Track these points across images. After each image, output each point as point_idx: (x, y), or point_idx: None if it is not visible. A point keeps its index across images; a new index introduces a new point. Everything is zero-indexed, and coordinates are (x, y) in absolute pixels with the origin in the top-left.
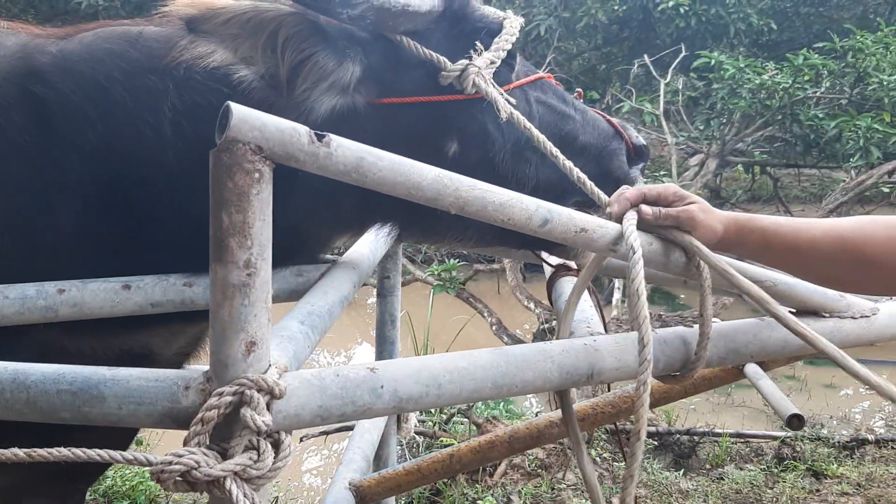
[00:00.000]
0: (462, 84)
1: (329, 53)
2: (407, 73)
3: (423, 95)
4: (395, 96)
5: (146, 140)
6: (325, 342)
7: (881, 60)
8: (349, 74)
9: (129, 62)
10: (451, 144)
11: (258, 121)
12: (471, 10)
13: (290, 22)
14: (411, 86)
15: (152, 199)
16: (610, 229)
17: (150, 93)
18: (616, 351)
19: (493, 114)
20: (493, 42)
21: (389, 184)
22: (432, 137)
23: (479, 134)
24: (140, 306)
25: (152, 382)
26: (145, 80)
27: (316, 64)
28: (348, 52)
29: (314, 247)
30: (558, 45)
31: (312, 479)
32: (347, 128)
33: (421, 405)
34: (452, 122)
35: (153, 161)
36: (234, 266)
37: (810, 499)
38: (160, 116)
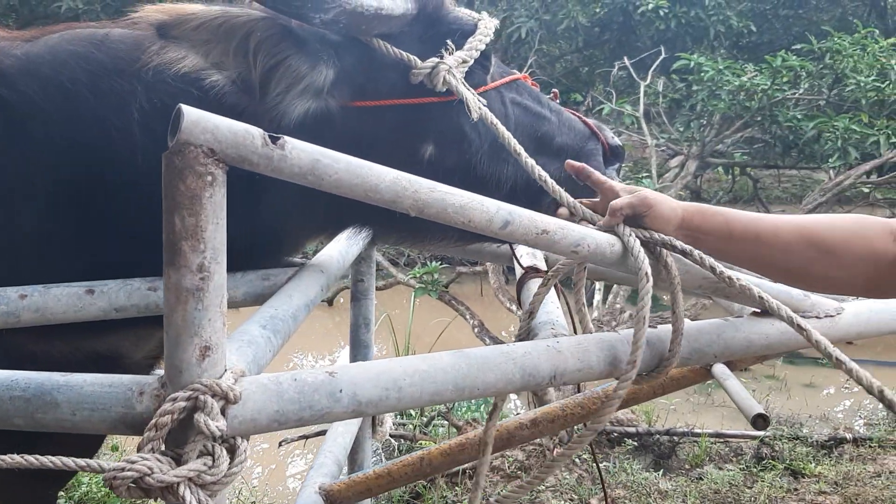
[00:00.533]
0: (433, 82)
1: (302, 57)
2: (381, 76)
3: (397, 98)
4: (369, 99)
5: (113, 142)
6: (309, 346)
7: (858, 62)
8: (322, 78)
9: (93, 64)
10: (427, 147)
11: (210, 123)
12: (445, 13)
13: (262, 27)
14: (385, 88)
15: (120, 200)
16: (570, 231)
17: (115, 95)
18: (579, 352)
19: (468, 115)
20: (466, 43)
21: (346, 186)
22: (408, 140)
23: (455, 136)
24: (104, 311)
25: (106, 388)
26: (111, 82)
27: (289, 68)
28: (321, 56)
29: (288, 248)
30: (540, 48)
31: (297, 482)
32: (321, 131)
33: (381, 409)
34: (428, 124)
35: (121, 163)
36: (187, 270)
37: (788, 498)
38: (128, 118)
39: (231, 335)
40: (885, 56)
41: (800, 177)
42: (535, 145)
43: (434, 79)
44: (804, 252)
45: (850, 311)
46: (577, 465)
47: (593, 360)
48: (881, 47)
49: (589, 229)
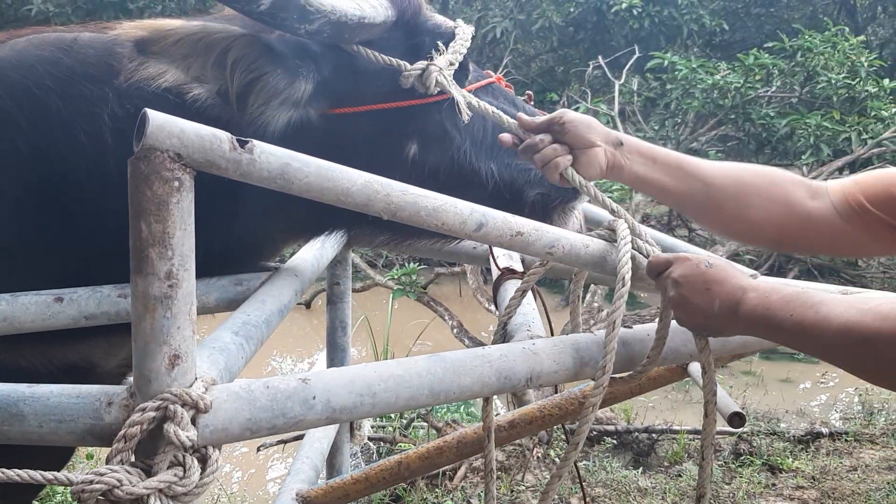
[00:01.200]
0: (425, 84)
1: (279, 73)
2: (362, 82)
3: (378, 102)
4: (350, 105)
5: (83, 147)
6: (287, 349)
7: (829, 59)
8: (300, 91)
9: (61, 69)
10: (410, 147)
11: (177, 127)
12: (423, 20)
13: (240, 43)
14: (367, 94)
15: (91, 206)
16: (545, 232)
17: (85, 101)
18: (554, 354)
19: (451, 114)
20: (449, 47)
21: (317, 190)
22: (391, 141)
23: (438, 135)
24: (74, 319)
25: (73, 399)
26: (80, 87)
27: (266, 84)
28: (300, 71)
29: (267, 253)
30: (515, 48)
31: (276, 487)
32: (304, 139)
33: (355, 415)
34: (410, 125)
35: (92, 169)
36: (154, 278)
37: (767, 493)
38: (98, 124)
39: (202, 342)
40: (854, 53)
41: None
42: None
43: (426, 80)
44: (724, 187)
45: None
46: (557, 464)
47: (569, 362)
48: (851, 45)
49: (564, 231)
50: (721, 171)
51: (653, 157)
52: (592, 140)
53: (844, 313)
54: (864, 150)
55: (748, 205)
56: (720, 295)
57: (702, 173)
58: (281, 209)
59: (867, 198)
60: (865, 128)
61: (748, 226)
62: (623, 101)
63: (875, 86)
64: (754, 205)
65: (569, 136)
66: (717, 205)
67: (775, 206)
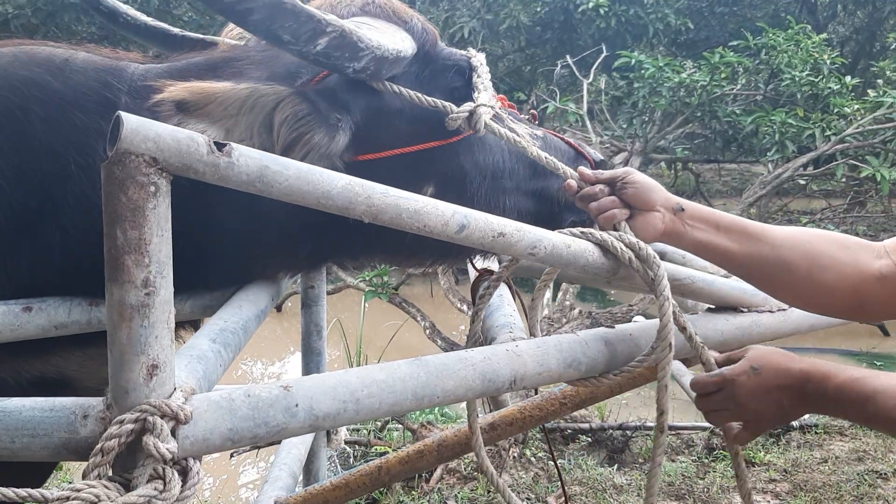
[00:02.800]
0: (474, 126)
1: (324, 130)
2: (386, 125)
3: (401, 147)
4: (374, 151)
5: (71, 178)
6: (258, 352)
7: (793, 57)
8: (339, 145)
9: (49, 94)
10: (427, 188)
11: (152, 131)
12: (439, 50)
13: (289, 103)
14: (390, 138)
15: (76, 238)
16: (527, 233)
17: (78, 131)
18: (538, 355)
19: (468, 152)
20: (473, 79)
21: (297, 194)
22: (410, 184)
23: (456, 175)
24: (43, 329)
25: (47, 413)
26: (70, 117)
27: (311, 141)
28: (340, 124)
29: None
30: (483, 48)
31: (250, 492)
32: None
33: (339, 422)
34: (430, 166)
35: (81, 200)
36: (131, 286)
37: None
38: (93, 157)
39: (179, 350)
40: (817, 51)
41: (738, 170)
42: (529, 171)
43: (475, 122)
44: (793, 248)
45: None
46: (533, 463)
47: (553, 364)
48: (814, 42)
49: (545, 231)
50: (789, 235)
51: (716, 222)
52: (653, 203)
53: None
54: (827, 146)
55: (820, 267)
56: (783, 393)
57: (769, 237)
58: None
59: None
60: (829, 124)
61: (822, 289)
62: (590, 100)
63: (837, 83)
64: (826, 267)
65: (630, 196)
66: (787, 269)
67: (847, 268)
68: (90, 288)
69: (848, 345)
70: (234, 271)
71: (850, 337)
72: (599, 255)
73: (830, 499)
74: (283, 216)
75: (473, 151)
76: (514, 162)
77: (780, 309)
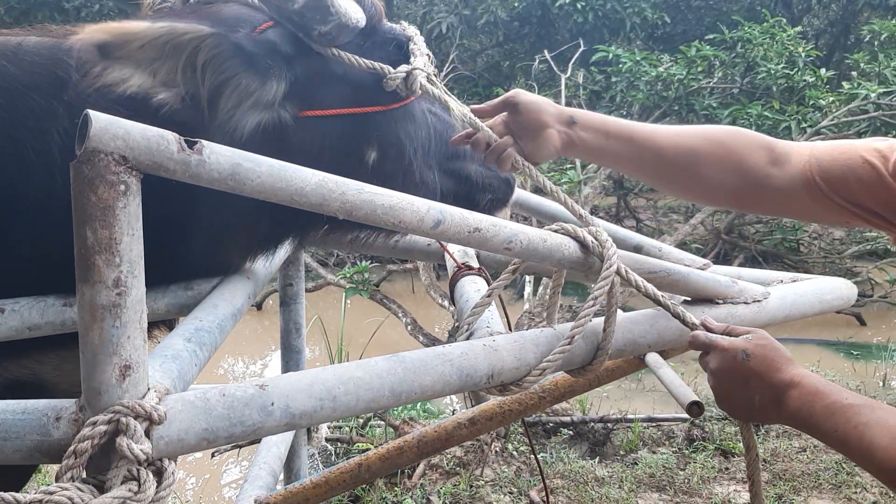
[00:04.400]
0: (409, 87)
1: (251, 73)
2: (332, 86)
3: (346, 107)
4: (320, 109)
5: (32, 167)
6: (239, 351)
7: (768, 50)
8: (273, 92)
9: (5, 78)
10: (371, 153)
11: (121, 129)
12: (382, 24)
13: (210, 44)
14: (335, 98)
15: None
16: (502, 228)
17: (34, 115)
18: (515, 350)
19: (403, 121)
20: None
21: (270, 191)
22: (355, 147)
23: (393, 141)
24: (16, 330)
25: (18, 415)
26: (27, 101)
27: (238, 85)
28: (272, 71)
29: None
30: (461, 43)
31: (233, 492)
32: (276, 142)
33: (316, 420)
34: (371, 131)
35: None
36: (102, 286)
37: (720, 477)
38: (48, 141)
39: (153, 350)
40: (792, 44)
41: None
42: (451, 150)
43: (411, 84)
44: (675, 158)
45: (776, 295)
46: (515, 457)
47: (530, 358)
48: (789, 35)
49: (521, 226)
50: (674, 141)
51: (605, 130)
52: (545, 122)
53: (889, 448)
54: (803, 138)
55: (699, 174)
56: (759, 390)
57: (655, 144)
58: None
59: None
60: (804, 117)
61: (701, 191)
62: (569, 95)
63: (812, 75)
64: (705, 174)
65: (522, 118)
66: (669, 175)
67: (728, 174)
68: (63, 285)
69: (825, 335)
70: (199, 259)
71: (827, 327)
72: (576, 249)
73: (809, 487)
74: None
75: (407, 122)
76: (437, 140)
77: (754, 300)
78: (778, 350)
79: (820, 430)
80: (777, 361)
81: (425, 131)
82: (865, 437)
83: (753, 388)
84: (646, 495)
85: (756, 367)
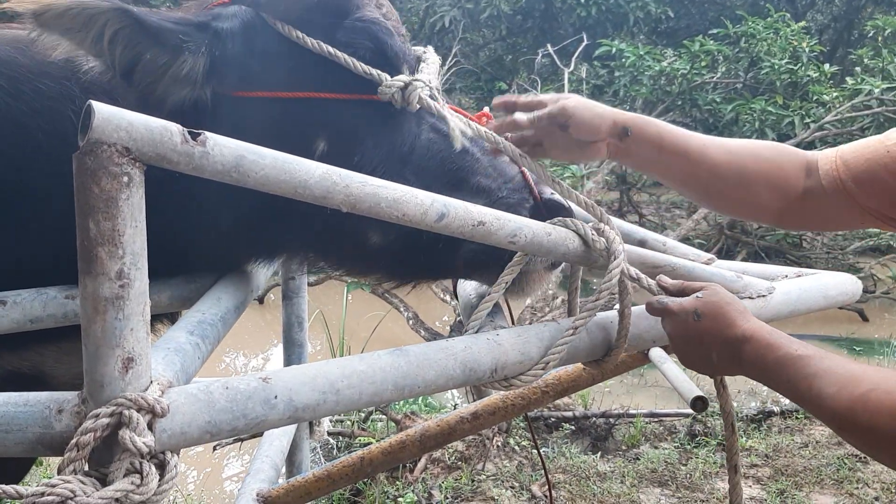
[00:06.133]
0: (406, 100)
1: (159, 49)
2: (278, 66)
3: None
4: (255, 89)
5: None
6: (241, 345)
7: (772, 45)
8: (188, 66)
9: (15, 68)
10: (319, 143)
11: (124, 120)
12: (362, 11)
13: (114, 18)
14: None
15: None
16: (507, 221)
17: (43, 97)
18: (519, 344)
19: (366, 117)
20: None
21: (273, 183)
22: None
23: (350, 138)
24: (18, 323)
25: (21, 407)
26: (35, 84)
27: (149, 59)
28: (187, 46)
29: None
30: (464, 37)
31: (234, 485)
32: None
33: (319, 413)
34: (321, 119)
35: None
36: (104, 278)
37: (722, 472)
38: (62, 121)
39: (156, 343)
40: (796, 39)
41: None
42: (447, 178)
43: (409, 96)
44: (728, 177)
45: (781, 290)
46: (517, 451)
47: (534, 352)
48: (793, 30)
49: (525, 219)
50: (726, 158)
51: (660, 144)
52: (597, 136)
53: (836, 396)
54: (807, 133)
55: (750, 193)
56: (715, 347)
57: (709, 161)
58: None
59: (851, 177)
60: (808, 112)
61: (750, 211)
62: (572, 89)
63: (816, 71)
64: (755, 193)
65: (571, 131)
66: (719, 192)
67: (776, 192)
68: (68, 276)
69: (827, 330)
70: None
71: (829, 323)
72: (580, 244)
73: (811, 483)
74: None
75: (372, 118)
76: (428, 159)
77: (759, 295)
78: (729, 305)
79: (774, 382)
80: (728, 317)
81: (408, 141)
82: (814, 387)
83: (709, 345)
84: (647, 490)
85: (708, 326)
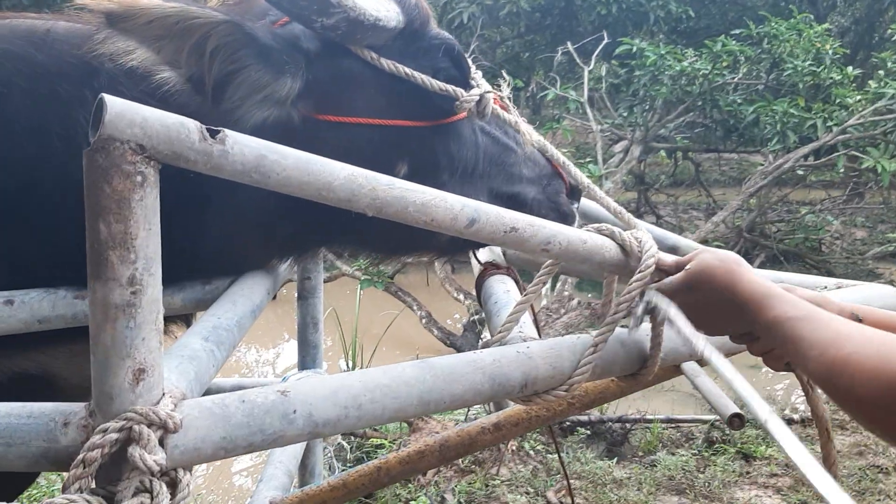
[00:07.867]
0: (482, 112)
1: (263, 67)
2: (361, 92)
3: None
4: (343, 115)
5: (55, 153)
6: (252, 339)
7: (795, 46)
8: (286, 89)
9: (33, 66)
10: (401, 167)
11: (138, 115)
12: (429, 29)
13: (222, 31)
14: (365, 105)
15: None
16: (540, 228)
17: (61, 102)
18: (551, 357)
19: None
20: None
21: (296, 184)
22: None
23: (430, 159)
24: (26, 323)
25: (24, 419)
26: (54, 87)
27: (248, 77)
28: (287, 67)
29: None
30: (482, 33)
31: (243, 479)
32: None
33: (339, 428)
34: (404, 145)
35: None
36: (115, 284)
37: (741, 481)
38: (74, 128)
39: (169, 350)
40: (819, 41)
41: (738, 160)
42: (501, 175)
43: (484, 109)
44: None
45: None
46: (532, 456)
47: (566, 366)
48: (816, 32)
49: (559, 226)
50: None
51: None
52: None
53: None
54: (829, 137)
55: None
56: (719, 313)
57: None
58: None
59: None
60: (830, 115)
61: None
62: (590, 88)
63: (839, 73)
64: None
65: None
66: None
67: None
68: (78, 277)
69: None
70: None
71: None
72: (617, 252)
73: None
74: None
75: (449, 140)
76: (488, 161)
77: None
78: (719, 268)
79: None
80: (725, 282)
81: (472, 151)
82: (800, 350)
83: (714, 312)
84: (665, 498)
85: (703, 297)
